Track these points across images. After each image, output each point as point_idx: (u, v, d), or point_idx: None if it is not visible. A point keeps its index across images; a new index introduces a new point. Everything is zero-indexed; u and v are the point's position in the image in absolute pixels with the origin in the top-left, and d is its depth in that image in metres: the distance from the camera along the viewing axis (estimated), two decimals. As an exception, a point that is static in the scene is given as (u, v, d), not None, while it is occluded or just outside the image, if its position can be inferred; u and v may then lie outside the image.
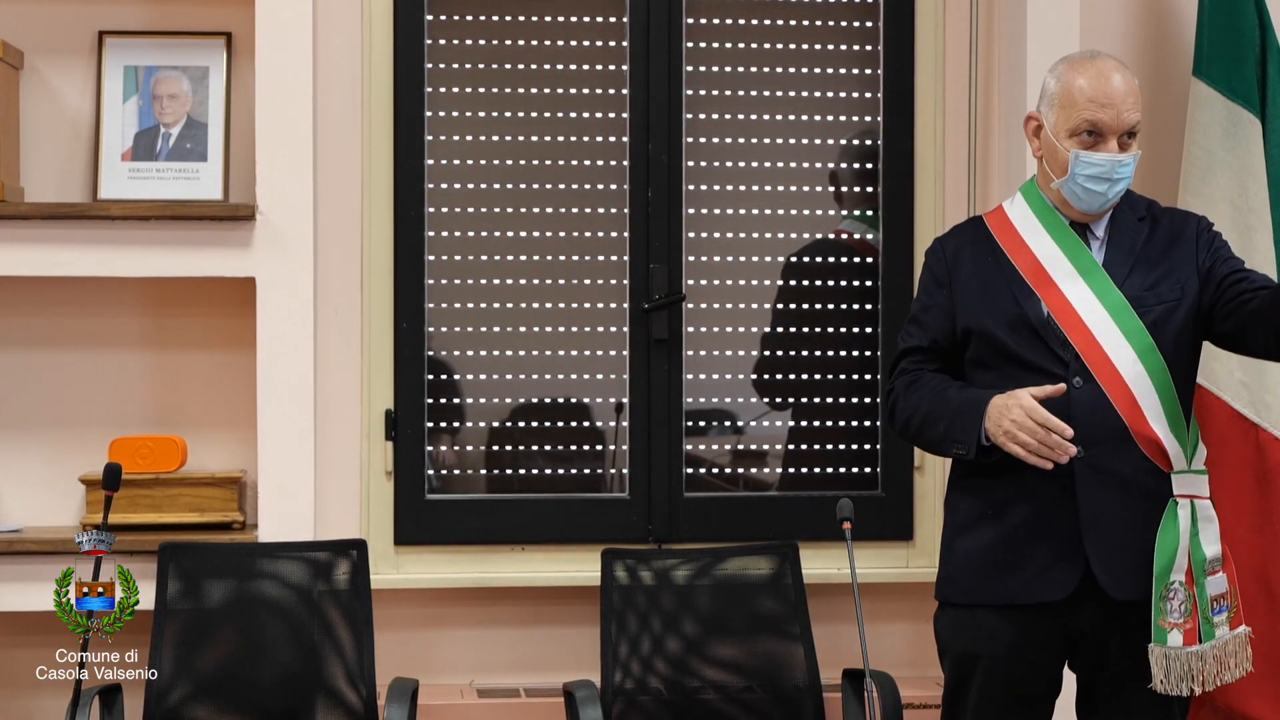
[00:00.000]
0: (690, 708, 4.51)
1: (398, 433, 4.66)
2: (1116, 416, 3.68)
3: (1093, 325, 3.73)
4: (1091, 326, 3.72)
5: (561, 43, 4.73)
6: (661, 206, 4.73)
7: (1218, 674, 3.74)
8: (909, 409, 3.80)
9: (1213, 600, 3.72)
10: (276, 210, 4.47)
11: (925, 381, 3.79)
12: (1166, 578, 3.68)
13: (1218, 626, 3.73)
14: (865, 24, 4.82)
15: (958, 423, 3.71)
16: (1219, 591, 3.74)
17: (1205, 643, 3.72)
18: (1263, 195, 4.62)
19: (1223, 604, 3.74)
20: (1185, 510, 3.71)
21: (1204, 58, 4.65)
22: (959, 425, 3.70)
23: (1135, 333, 3.72)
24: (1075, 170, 3.70)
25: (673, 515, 4.73)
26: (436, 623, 4.69)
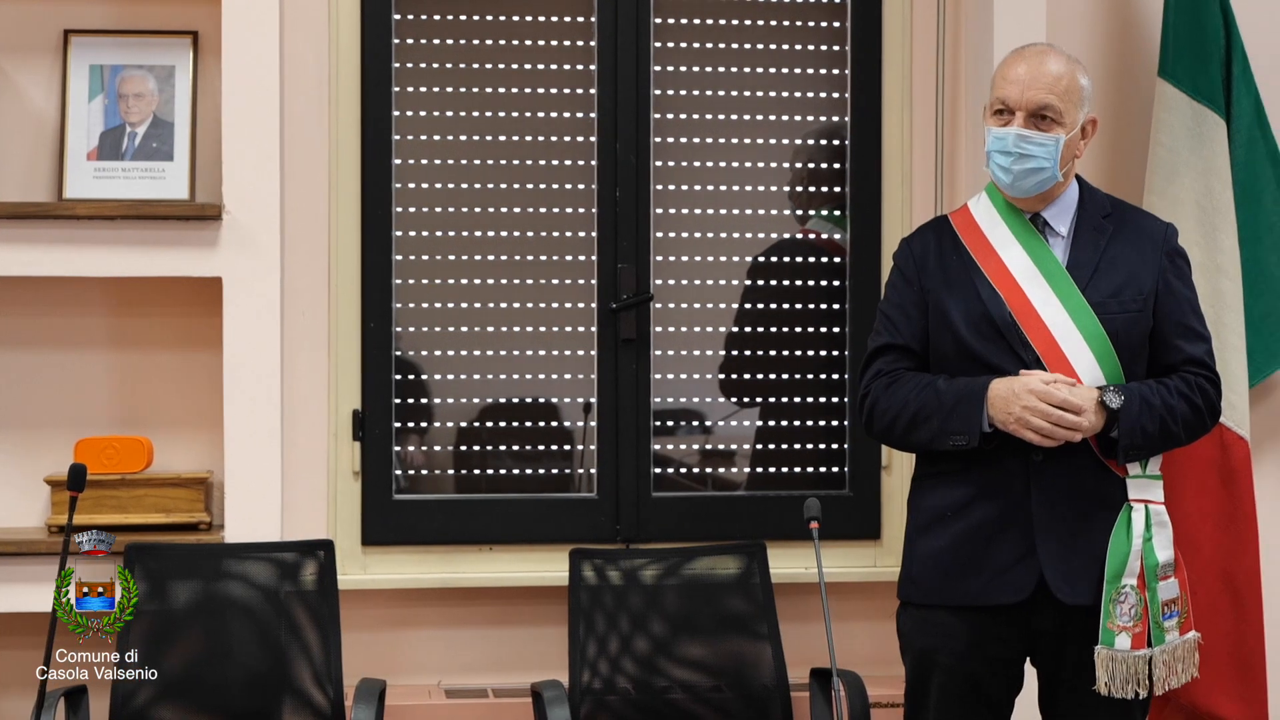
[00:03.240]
0: (658, 707, 4.51)
1: (365, 433, 4.65)
2: None
3: (1054, 328, 3.74)
4: (1053, 329, 3.74)
5: (529, 43, 4.73)
6: (629, 206, 4.73)
7: (1165, 678, 3.76)
8: (893, 409, 3.78)
9: (1164, 605, 3.74)
10: (243, 210, 4.46)
11: (907, 380, 3.78)
12: (1118, 582, 3.70)
13: (1168, 631, 3.75)
14: (833, 24, 4.83)
15: (956, 413, 3.69)
16: (1170, 597, 3.76)
17: (1154, 647, 3.73)
18: (1227, 196, 4.64)
19: (1174, 609, 3.77)
20: (1139, 515, 3.73)
21: (1169, 58, 4.67)
22: (957, 416, 3.69)
23: (1095, 337, 3.74)
24: (987, 147, 3.77)
25: (640, 515, 4.73)
26: (404, 623, 4.68)
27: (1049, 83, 3.73)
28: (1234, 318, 4.64)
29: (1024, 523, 3.71)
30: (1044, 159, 3.73)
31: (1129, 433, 3.68)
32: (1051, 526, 3.71)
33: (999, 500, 3.72)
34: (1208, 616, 4.59)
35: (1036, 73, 3.74)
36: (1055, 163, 3.74)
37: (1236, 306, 4.64)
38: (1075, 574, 3.72)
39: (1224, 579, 4.63)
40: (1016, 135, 3.73)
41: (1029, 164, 3.73)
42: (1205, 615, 4.59)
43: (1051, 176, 3.75)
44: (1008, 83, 3.75)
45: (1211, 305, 4.60)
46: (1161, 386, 3.76)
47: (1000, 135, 3.75)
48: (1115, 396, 3.67)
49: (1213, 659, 4.58)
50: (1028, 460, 3.70)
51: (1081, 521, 3.72)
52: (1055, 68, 3.75)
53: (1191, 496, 4.62)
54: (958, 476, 3.75)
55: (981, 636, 3.76)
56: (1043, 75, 3.74)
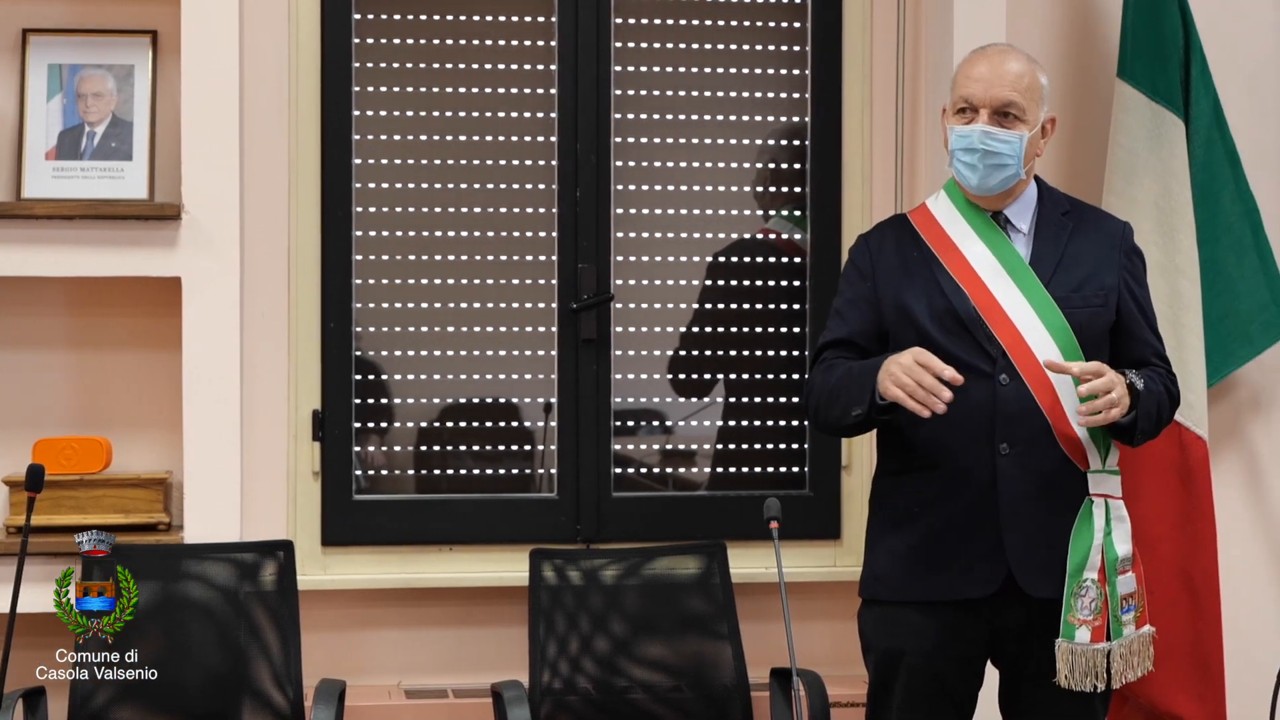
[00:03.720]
0: (618, 707, 4.51)
1: (325, 433, 4.64)
2: (1040, 414, 3.73)
3: (1019, 322, 3.76)
4: (1018, 323, 3.76)
5: (490, 42, 4.73)
6: (590, 206, 4.73)
7: (1122, 672, 3.79)
8: (817, 393, 3.82)
9: (1123, 599, 3.79)
10: (202, 210, 4.45)
11: (837, 367, 3.81)
12: (1080, 575, 3.73)
13: (1125, 625, 3.78)
14: (793, 24, 4.83)
15: (855, 385, 3.72)
16: (1129, 591, 3.80)
17: (1113, 640, 3.77)
18: (1185, 196, 4.66)
19: (1131, 603, 3.80)
20: (1100, 509, 3.77)
21: (1128, 59, 4.68)
22: (856, 387, 3.72)
23: (1060, 331, 3.77)
24: (951, 145, 3.79)
25: (601, 515, 4.73)
26: (364, 624, 4.68)
27: (1012, 80, 3.76)
28: (1192, 318, 4.65)
29: (990, 517, 3.73)
30: (1009, 156, 3.75)
31: (1146, 416, 3.74)
32: (1018, 521, 3.73)
33: (965, 495, 3.74)
34: (1166, 615, 4.61)
35: (999, 71, 3.76)
36: (1020, 159, 3.76)
37: (1195, 307, 4.66)
38: (1041, 568, 3.74)
39: (1182, 578, 4.65)
40: (982, 132, 3.74)
41: (994, 160, 3.75)
42: (1164, 614, 4.60)
43: (1016, 173, 3.78)
44: (971, 81, 3.78)
45: (1170, 305, 4.62)
46: (1155, 374, 3.82)
47: (965, 133, 3.76)
48: (1138, 379, 3.72)
49: (1171, 658, 4.61)
50: (994, 455, 3.72)
51: (1046, 515, 3.75)
52: (1016, 66, 3.78)
53: (1150, 496, 4.63)
54: (923, 474, 3.77)
55: (947, 634, 3.78)
56: (1005, 73, 3.76)
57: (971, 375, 3.71)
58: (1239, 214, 4.76)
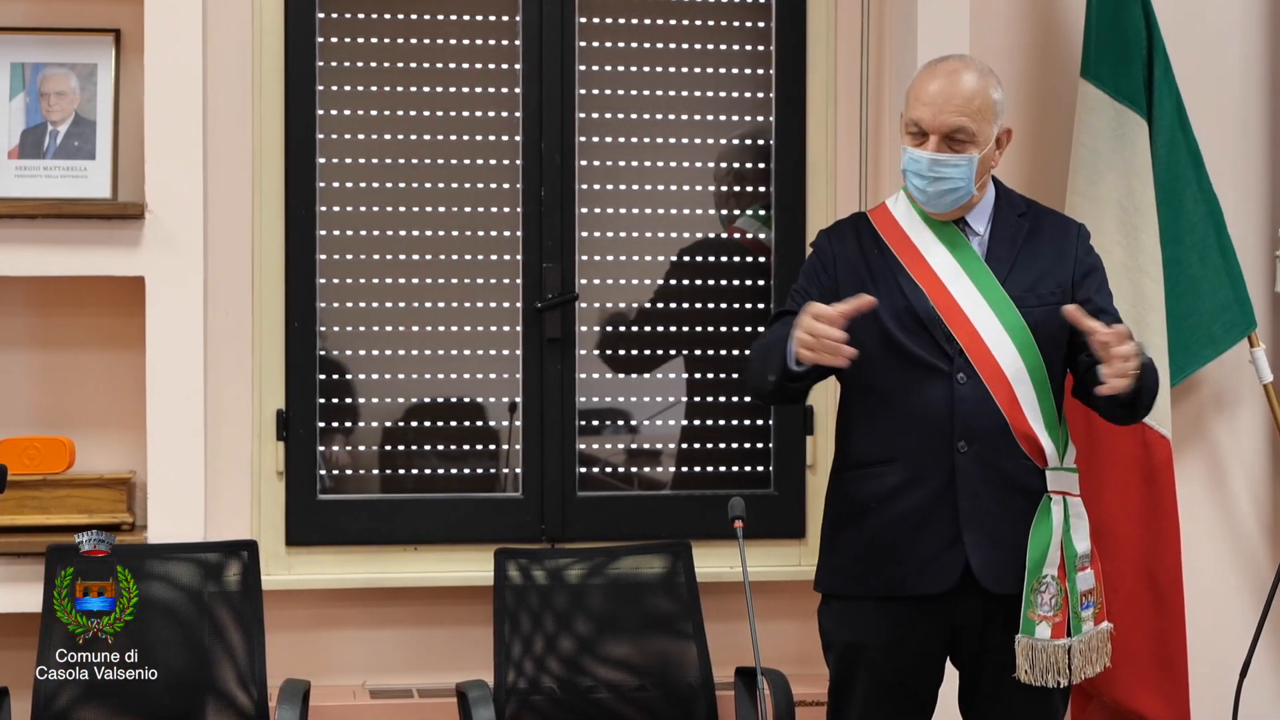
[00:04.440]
0: (583, 707, 4.51)
1: (289, 433, 4.63)
2: (998, 412, 3.74)
3: (976, 321, 3.78)
4: (975, 322, 3.78)
5: (454, 41, 4.72)
6: (554, 205, 4.73)
7: (1082, 667, 3.81)
8: (751, 362, 3.86)
9: (1082, 595, 3.80)
10: (166, 209, 4.43)
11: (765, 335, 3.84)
12: (1039, 571, 3.75)
13: (1085, 621, 3.80)
14: (758, 24, 4.84)
15: (773, 351, 3.72)
16: (1088, 587, 3.82)
17: (1074, 637, 3.79)
18: (1149, 196, 4.68)
19: (1090, 599, 3.82)
20: (1059, 506, 3.78)
21: (1091, 60, 4.70)
22: (774, 353, 3.72)
23: (1017, 329, 3.78)
24: (903, 166, 3.80)
25: (566, 514, 4.73)
26: (328, 623, 4.67)
27: (960, 104, 3.75)
28: (1156, 317, 4.67)
29: (949, 513, 3.74)
30: (958, 179, 3.77)
31: (1150, 389, 3.73)
32: (977, 516, 3.74)
33: (923, 490, 3.75)
34: (1130, 614, 4.63)
35: (949, 94, 3.75)
36: (970, 181, 3.78)
37: (1158, 306, 4.67)
38: (1000, 563, 3.76)
39: (1146, 576, 4.66)
40: (930, 160, 3.75)
41: (944, 185, 3.77)
42: (1128, 612, 4.63)
43: (966, 193, 3.79)
44: (921, 104, 3.76)
45: (1133, 305, 4.64)
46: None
47: (915, 158, 3.77)
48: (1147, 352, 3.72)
49: (1135, 656, 4.63)
50: (952, 452, 3.73)
51: (1005, 511, 3.76)
52: (968, 86, 3.76)
53: (1114, 494, 4.65)
54: (882, 467, 3.78)
55: (905, 630, 3.79)
56: (955, 96, 3.75)
57: (929, 374, 3.73)
58: (1202, 213, 4.77)
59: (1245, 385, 4.94)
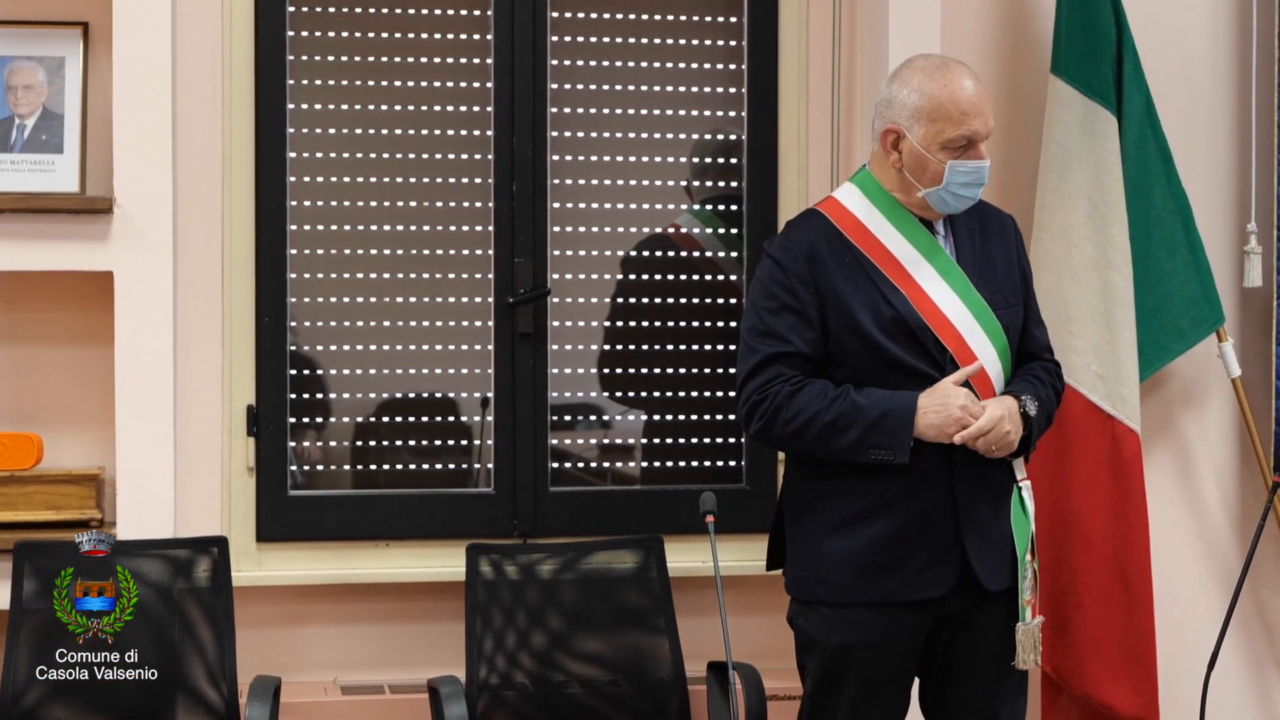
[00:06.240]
0: (555, 702, 4.51)
1: (259, 428, 4.61)
2: None
3: (960, 327, 3.78)
4: (960, 328, 3.78)
5: (425, 36, 4.71)
6: (526, 200, 4.72)
7: None
8: (802, 416, 3.73)
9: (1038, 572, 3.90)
10: (135, 203, 4.41)
11: (814, 387, 3.75)
12: (1024, 559, 3.78)
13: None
14: (730, 19, 4.84)
15: (879, 428, 3.69)
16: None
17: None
18: (1118, 191, 4.69)
19: None
20: (1027, 493, 3.84)
21: (1062, 55, 4.71)
22: (881, 430, 3.68)
23: (995, 333, 3.80)
24: (950, 179, 3.73)
25: (538, 510, 4.73)
26: (299, 620, 4.65)
27: (989, 104, 3.77)
28: (1125, 312, 4.69)
29: (944, 521, 3.75)
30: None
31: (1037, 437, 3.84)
32: (974, 521, 3.77)
33: (922, 499, 3.75)
34: (1100, 606, 4.66)
35: (981, 96, 3.76)
36: None
37: (1127, 301, 4.69)
38: (994, 561, 3.79)
39: (1116, 570, 4.68)
40: (986, 167, 3.76)
41: (981, 190, 3.79)
42: (1097, 606, 4.66)
43: None
44: (967, 116, 3.72)
45: (1103, 300, 4.66)
46: (1037, 381, 3.87)
47: (973, 169, 3.74)
48: (1031, 403, 3.77)
49: (1105, 650, 4.65)
50: (950, 460, 3.74)
51: (993, 511, 3.80)
52: (980, 85, 3.78)
53: (1083, 489, 4.67)
54: (874, 478, 3.75)
55: (898, 630, 3.81)
56: (984, 99, 3.76)
57: (922, 383, 3.74)
58: (1171, 209, 4.80)
59: (1213, 380, 4.97)
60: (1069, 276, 4.67)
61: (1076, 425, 4.64)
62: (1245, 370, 4.91)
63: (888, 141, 3.79)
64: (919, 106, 3.74)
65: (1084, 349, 4.66)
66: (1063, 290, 4.66)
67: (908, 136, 3.75)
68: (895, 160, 3.78)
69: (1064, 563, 4.66)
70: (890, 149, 3.78)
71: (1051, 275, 4.64)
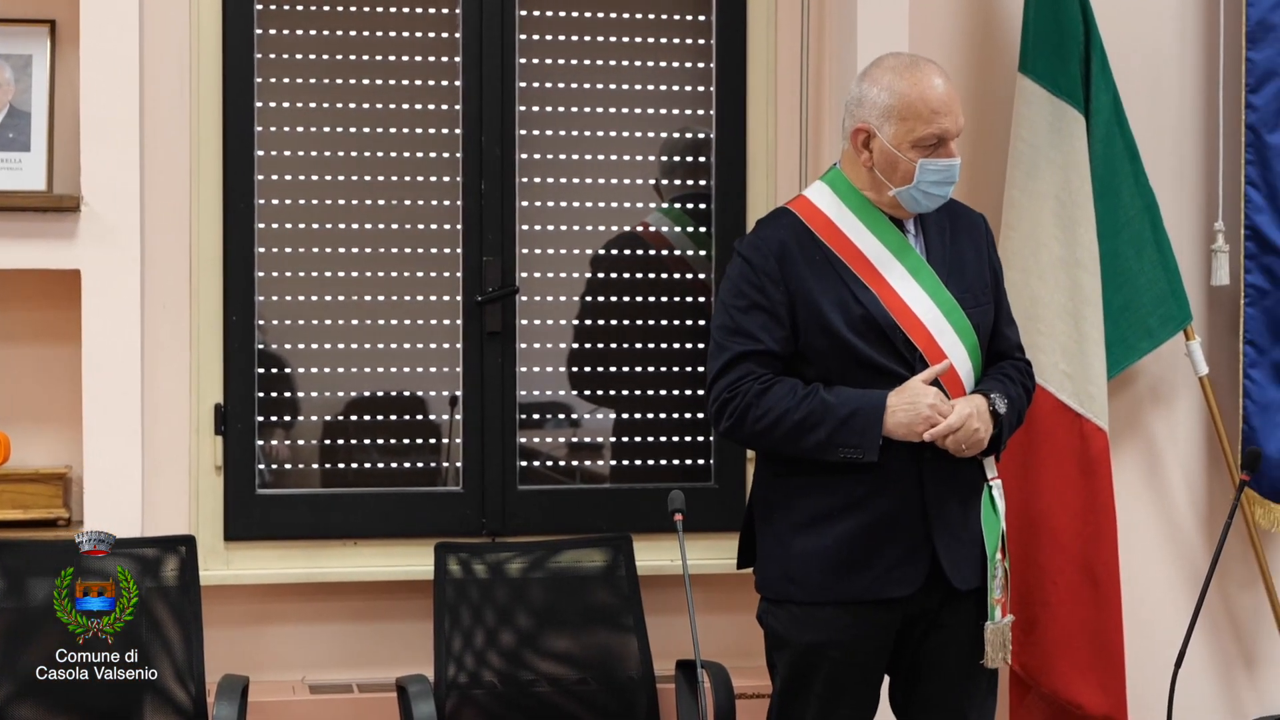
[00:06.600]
0: (524, 701, 4.51)
1: (227, 427, 4.61)
2: None
3: (931, 325, 3.78)
4: (930, 327, 3.78)
5: (393, 34, 4.70)
6: (495, 199, 4.71)
7: None
8: (771, 414, 3.73)
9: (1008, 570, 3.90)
10: (102, 201, 4.40)
11: (784, 385, 3.75)
12: (993, 558, 3.78)
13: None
14: (698, 17, 4.84)
15: (849, 426, 3.69)
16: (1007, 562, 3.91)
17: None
18: (1086, 190, 4.70)
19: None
20: (998, 492, 3.84)
21: (1029, 54, 4.72)
22: (850, 429, 3.69)
23: (965, 332, 3.81)
24: (921, 178, 3.73)
25: (506, 508, 4.72)
26: (267, 619, 4.64)
27: (959, 102, 3.77)
28: (1093, 311, 4.70)
29: (913, 519, 3.75)
30: None
31: (1008, 436, 3.83)
32: (943, 519, 3.77)
33: (891, 497, 3.75)
34: (1068, 605, 4.67)
35: (950, 95, 3.76)
36: None
37: (1095, 300, 4.70)
38: (964, 560, 3.79)
39: (1083, 568, 4.69)
40: (957, 165, 3.76)
41: (952, 187, 3.80)
42: (1065, 604, 4.67)
43: None
44: (937, 114, 3.73)
45: (1071, 298, 4.67)
46: (1008, 379, 3.87)
47: (944, 167, 3.74)
48: (1000, 401, 3.77)
49: (1073, 648, 4.67)
50: (920, 458, 3.74)
51: (963, 509, 3.80)
52: (949, 83, 3.78)
53: (1051, 487, 4.68)
54: (843, 476, 3.75)
55: (868, 627, 3.81)
56: (954, 97, 3.76)
57: (892, 381, 3.74)
58: (1138, 208, 4.81)
59: (1181, 378, 4.99)
60: (1037, 275, 4.68)
61: (1045, 424, 4.65)
62: (1213, 369, 4.93)
63: (858, 140, 3.79)
64: (889, 105, 3.75)
65: (1052, 347, 4.67)
66: (1031, 289, 4.67)
67: (878, 135, 3.76)
68: (866, 159, 3.78)
69: (1032, 561, 4.67)
70: (861, 148, 3.79)
71: (1020, 274, 4.64)
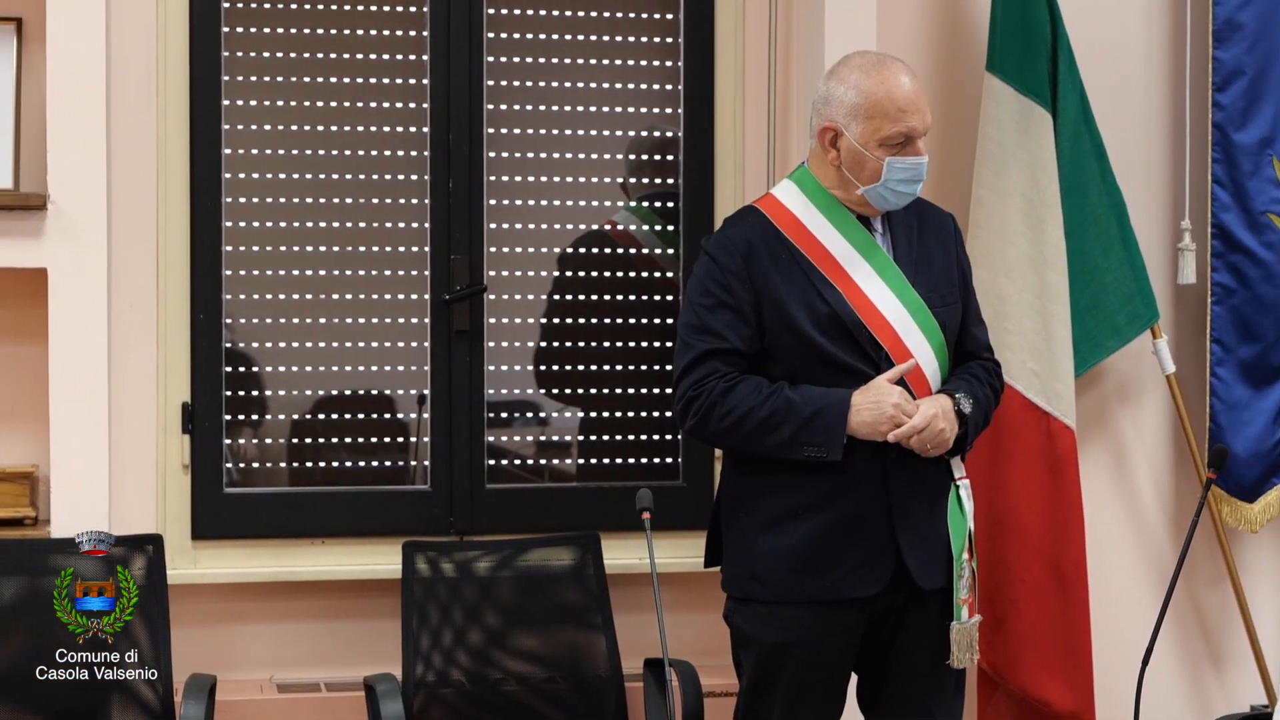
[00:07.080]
0: (492, 700, 4.51)
1: (195, 426, 4.60)
2: None
3: (896, 325, 3.78)
4: (896, 326, 3.78)
5: (361, 32, 4.70)
6: (463, 197, 4.71)
7: None
8: (736, 412, 3.73)
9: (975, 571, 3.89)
10: (69, 200, 4.39)
11: (748, 383, 3.75)
12: (960, 559, 3.79)
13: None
14: (666, 16, 4.85)
15: (813, 425, 3.69)
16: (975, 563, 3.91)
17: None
18: (1053, 188, 4.72)
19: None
20: (965, 492, 3.83)
21: (997, 53, 4.73)
22: (814, 428, 3.69)
23: (932, 332, 3.81)
24: (889, 176, 3.74)
25: (475, 507, 4.72)
26: (235, 618, 4.64)
27: (925, 100, 3.78)
28: (1060, 309, 4.71)
29: (881, 517, 3.75)
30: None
31: (974, 436, 3.84)
32: (908, 519, 3.77)
33: (856, 496, 3.75)
34: (1035, 602, 4.68)
35: (917, 92, 3.76)
36: None
37: (1063, 298, 4.72)
38: (929, 560, 3.79)
39: (1051, 566, 4.71)
40: (924, 163, 3.76)
41: (920, 185, 3.80)
42: (1033, 602, 4.68)
43: None
44: (904, 113, 3.73)
45: (1038, 296, 4.68)
46: (974, 379, 3.88)
47: (911, 165, 3.74)
48: (966, 401, 3.77)
49: (1040, 646, 4.68)
50: (885, 457, 3.75)
51: (929, 509, 3.80)
52: (915, 80, 3.78)
53: (1019, 485, 4.69)
54: (809, 475, 3.75)
55: (833, 628, 3.81)
56: (920, 94, 3.76)
57: (857, 380, 3.74)
58: (1105, 206, 4.82)
59: (1148, 376, 5.00)
60: (1004, 273, 4.69)
61: (1012, 421, 4.66)
62: (1180, 367, 4.94)
63: (826, 139, 3.79)
64: (856, 104, 3.75)
65: (1019, 345, 4.68)
66: (998, 287, 4.68)
67: (845, 134, 3.76)
68: (833, 158, 3.79)
69: (999, 559, 4.68)
70: (828, 146, 3.79)
71: (987, 272, 4.65)
